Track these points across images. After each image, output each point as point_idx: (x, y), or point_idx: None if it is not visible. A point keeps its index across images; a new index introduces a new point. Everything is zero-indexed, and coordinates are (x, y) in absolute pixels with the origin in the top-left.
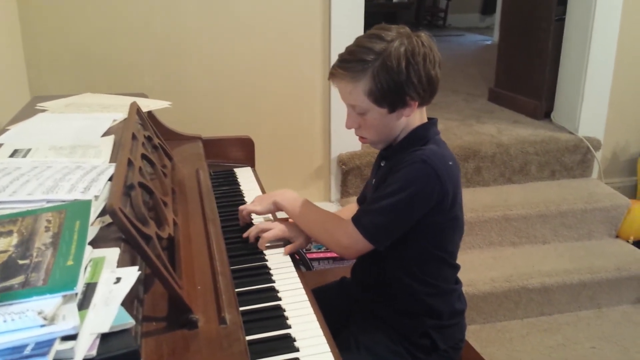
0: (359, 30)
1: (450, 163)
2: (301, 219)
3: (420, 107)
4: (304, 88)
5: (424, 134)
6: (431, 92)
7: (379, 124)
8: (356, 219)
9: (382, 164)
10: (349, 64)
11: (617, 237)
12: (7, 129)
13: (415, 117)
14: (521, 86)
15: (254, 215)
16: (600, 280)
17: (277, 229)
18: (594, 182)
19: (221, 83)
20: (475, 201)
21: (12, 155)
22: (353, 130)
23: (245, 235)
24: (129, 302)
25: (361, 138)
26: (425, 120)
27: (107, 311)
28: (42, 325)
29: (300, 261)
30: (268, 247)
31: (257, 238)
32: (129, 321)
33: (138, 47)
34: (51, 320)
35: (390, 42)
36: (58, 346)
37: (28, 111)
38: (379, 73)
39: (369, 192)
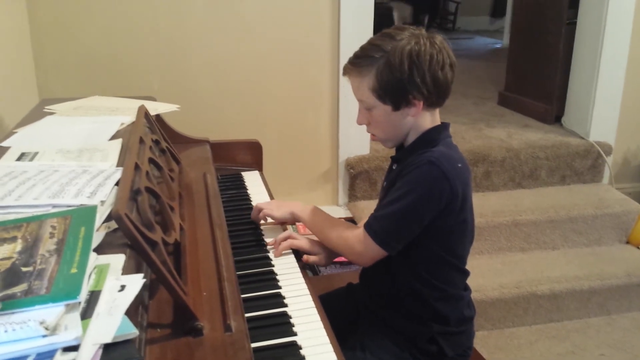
0: (368, 33)
1: (460, 165)
2: (318, 229)
3: (429, 108)
4: (312, 91)
5: (434, 136)
6: (438, 94)
7: (385, 121)
8: (368, 225)
9: (394, 167)
10: (358, 59)
11: (627, 243)
12: (15, 132)
13: (425, 118)
14: (531, 90)
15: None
16: (610, 287)
17: (304, 241)
18: (604, 187)
19: (229, 86)
20: (484, 206)
21: (19, 159)
22: (361, 134)
23: (272, 241)
24: (134, 309)
25: (372, 136)
26: (438, 123)
27: (111, 321)
28: (44, 336)
29: (306, 266)
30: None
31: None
32: (132, 331)
33: (146, 50)
34: (53, 330)
35: (399, 41)
36: (60, 357)
37: (36, 114)
38: (382, 70)
39: (382, 196)
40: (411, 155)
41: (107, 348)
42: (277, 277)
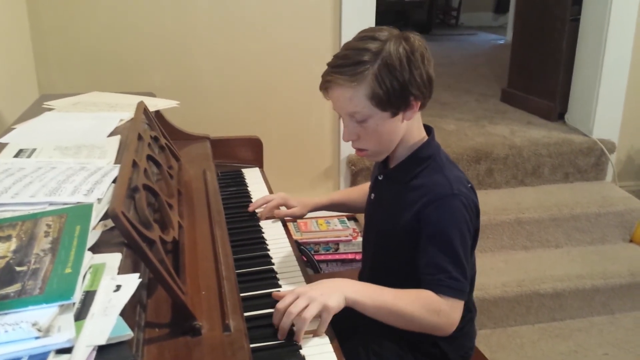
0: None
1: (469, 185)
2: (388, 317)
3: (421, 109)
4: (313, 88)
5: (429, 152)
6: (430, 92)
7: (382, 130)
8: (445, 288)
9: (380, 178)
10: (345, 68)
11: (631, 241)
12: (13, 128)
13: (413, 124)
14: (534, 87)
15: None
16: (613, 286)
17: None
18: (608, 185)
19: (230, 83)
20: (486, 204)
21: (16, 155)
22: None
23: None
24: (132, 308)
25: (359, 151)
26: (422, 127)
27: (105, 322)
28: (37, 338)
29: (307, 263)
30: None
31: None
32: (127, 333)
33: (147, 46)
34: (46, 332)
35: (386, 42)
36: (52, 359)
37: (35, 110)
38: (382, 74)
39: (371, 210)
40: (407, 174)
41: (102, 350)
42: (277, 276)
